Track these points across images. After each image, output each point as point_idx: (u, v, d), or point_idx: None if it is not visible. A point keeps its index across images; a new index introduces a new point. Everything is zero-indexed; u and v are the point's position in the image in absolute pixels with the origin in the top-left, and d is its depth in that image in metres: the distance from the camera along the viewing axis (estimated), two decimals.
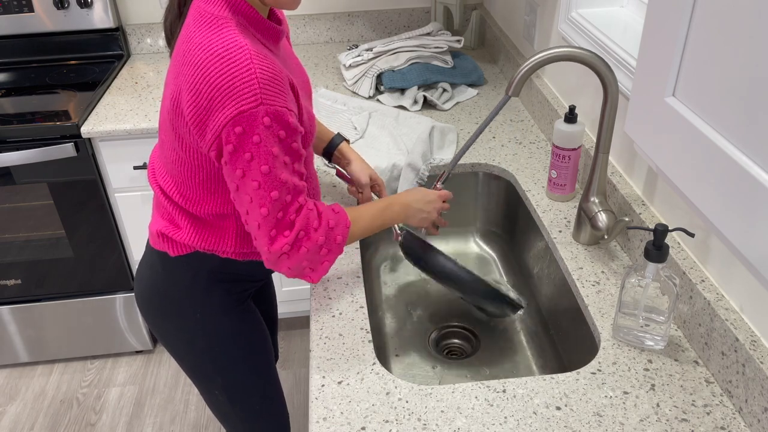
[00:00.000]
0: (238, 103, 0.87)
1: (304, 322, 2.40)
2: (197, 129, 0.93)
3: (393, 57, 1.89)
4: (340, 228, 1.02)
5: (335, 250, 1.03)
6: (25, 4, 2.08)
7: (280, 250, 0.96)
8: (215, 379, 1.22)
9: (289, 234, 0.96)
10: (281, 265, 0.99)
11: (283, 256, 0.97)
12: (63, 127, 1.79)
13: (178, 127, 0.97)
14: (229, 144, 0.90)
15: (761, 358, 0.85)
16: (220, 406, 1.28)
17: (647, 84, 0.64)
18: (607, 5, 1.46)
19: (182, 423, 2.05)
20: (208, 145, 0.93)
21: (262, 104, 0.88)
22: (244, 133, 0.88)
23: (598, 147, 1.15)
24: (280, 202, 0.94)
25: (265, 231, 0.95)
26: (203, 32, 0.92)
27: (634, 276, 0.97)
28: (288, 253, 0.97)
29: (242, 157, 0.90)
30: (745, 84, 0.49)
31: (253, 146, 0.89)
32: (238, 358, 1.21)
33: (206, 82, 0.88)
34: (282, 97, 0.91)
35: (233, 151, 0.90)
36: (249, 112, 0.87)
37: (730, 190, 0.52)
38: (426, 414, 0.92)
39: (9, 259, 2.01)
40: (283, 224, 0.96)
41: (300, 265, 1.00)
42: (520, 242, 1.48)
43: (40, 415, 2.10)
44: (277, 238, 0.96)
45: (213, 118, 0.89)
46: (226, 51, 0.88)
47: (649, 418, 0.90)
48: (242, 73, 0.87)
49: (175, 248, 1.11)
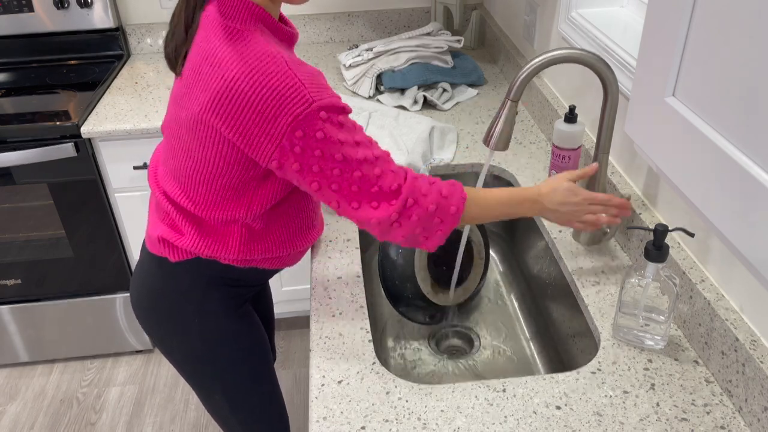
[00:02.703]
0: (291, 110, 0.88)
1: (304, 322, 2.40)
2: (245, 143, 0.92)
3: (393, 57, 1.89)
4: (455, 199, 0.99)
5: (448, 222, 0.99)
6: (25, 4, 2.08)
7: (389, 218, 0.94)
8: (214, 384, 1.21)
9: (396, 201, 0.94)
10: (395, 234, 0.97)
11: (394, 224, 0.95)
12: (63, 127, 1.79)
13: (204, 137, 0.96)
14: (296, 147, 0.90)
15: (761, 357, 0.85)
16: (220, 411, 1.27)
17: (647, 84, 0.64)
18: (607, 5, 1.46)
19: (182, 423, 2.05)
20: (267, 156, 0.92)
21: (313, 102, 0.88)
22: (305, 135, 0.89)
23: (598, 147, 1.15)
24: (368, 179, 0.93)
25: (366, 204, 0.94)
26: (229, 47, 0.91)
27: (634, 276, 0.97)
28: (399, 220, 0.95)
29: (312, 155, 0.90)
30: (745, 84, 0.49)
31: (318, 143, 0.90)
32: (237, 363, 1.20)
33: (249, 97, 0.88)
34: (326, 89, 0.91)
35: (301, 153, 0.90)
36: (304, 113, 0.88)
37: (730, 190, 0.52)
38: (426, 413, 0.92)
39: (9, 259, 2.01)
40: (384, 194, 0.94)
41: (414, 233, 0.97)
42: (520, 242, 1.48)
43: (40, 415, 2.10)
44: (381, 206, 0.95)
45: (268, 130, 0.89)
46: (262, 62, 0.88)
47: (649, 417, 0.90)
48: (285, 80, 0.88)
49: (176, 254, 1.09)
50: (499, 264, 1.54)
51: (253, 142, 0.92)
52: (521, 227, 1.46)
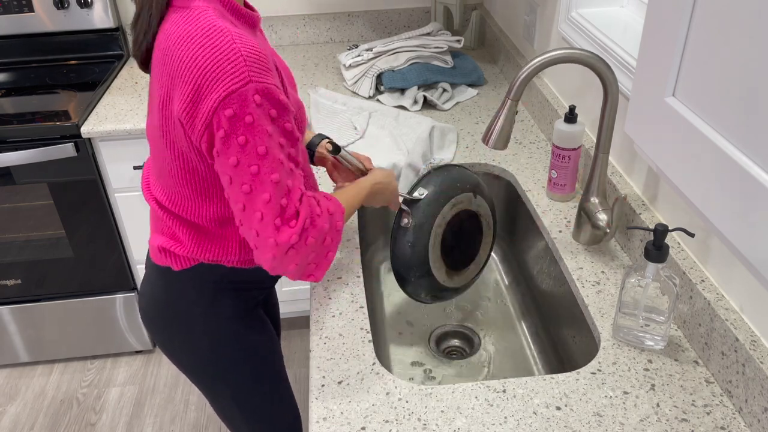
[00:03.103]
0: (226, 84, 0.84)
1: (304, 322, 2.40)
2: (188, 120, 0.89)
3: (393, 57, 1.89)
4: (339, 213, 0.98)
5: (336, 238, 0.98)
6: (25, 4, 2.08)
7: (288, 242, 0.89)
8: (225, 389, 1.20)
9: (296, 224, 0.90)
10: (288, 263, 0.92)
11: (291, 250, 0.90)
12: (63, 127, 1.79)
13: (168, 131, 0.94)
14: (221, 130, 0.85)
15: (761, 358, 0.85)
16: (231, 414, 1.25)
17: (647, 84, 0.64)
18: (607, 5, 1.46)
19: (182, 423, 2.05)
20: (198, 136, 0.88)
21: (251, 82, 0.84)
22: (235, 116, 0.84)
23: (598, 147, 1.15)
24: (282, 187, 0.88)
25: (270, 220, 0.88)
26: (180, 26, 0.90)
27: (634, 276, 0.97)
28: (296, 246, 0.90)
29: (235, 141, 0.85)
30: (745, 84, 0.49)
31: (246, 128, 0.85)
32: (248, 368, 1.18)
33: (191, 70, 0.85)
34: (270, 75, 0.87)
35: (225, 137, 0.85)
36: (239, 91, 0.84)
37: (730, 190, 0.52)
38: (426, 414, 0.92)
39: (9, 259, 2.01)
40: (288, 214, 0.90)
41: (306, 260, 0.94)
42: (520, 242, 1.48)
43: (40, 415, 2.10)
44: (282, 229, 0.89)
45: (202, 104, 0.86)
46: (207, 36, 0.86)
47: (649, 418, 0.90)
48: (227, 54, 0.84)
49: (179, 262, 1.07)
50: (499, 264, 1.54)
51: (190, 118, 0.88)
52: (521, 227, 1.46)
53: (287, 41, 2.32)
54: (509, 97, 1.07)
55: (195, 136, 0.90)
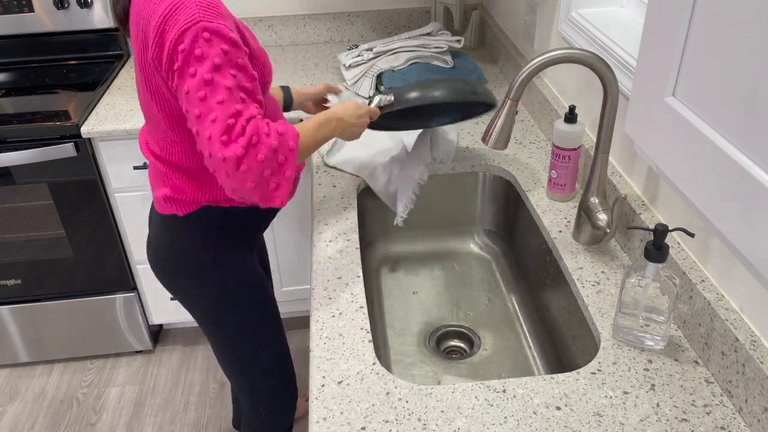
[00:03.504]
0: (179, 24, 0.97)
1: (304, 322, 2.40)
2: (158, 62, 1.02)
3: (393, 57, 1.89)
4: (290, 134, 1.05)
5: (291, 159, 1.04)
6: (25, 4, 2.08)
7: (235, 155, 0.96)
8: (232, 328, 1.31)
9: (242, 139, 0.97)
10: (245, 180, 0.98)
11: (242, 166, 0.97)
12: (63, 127, 1.79)
13: (149, 79, 1.07)
14: (176, 62, 0.98)
15: (761, 358, 0.85)
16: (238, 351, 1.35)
17: (647, 84, 0.64)
18: (607, 5, 1.46)
19: (182, 423, 2.05)
20: (166, 75, 1.02)
21: (200, 21, 0.97)
22: (186, 50, 0.97)
23: (598, 147, 1.15)
24: (228, 109, 0.97)
25: (217, 137, 0.96)
26: None
27: (634, 276, 0.97)
28: (245, 160, 0.97)
29: (187, 72, 0.98)
30: (745, 84, 0.49)
31: (195, 60, 0.97)
32: (255, 305, 1.30)
33: (156, 20, 1.00)
34: (221, 19, 1.00)
35: (179, 69, 0.98)
36: (190, 29, 0.97)
37: (730, 190, 0.52)
38: (426, 414, 0.92)
39: (9, 259, 2.01)
40: (235, 132, 0.97)
41: (262, 176, 1.00)
42: (520, 242, 1.48)
43: (40, 415, 2.10)
44: (229, 145, 0.97)
45: (164, 45, 0.99)
46: None
47: (649, 418, 0.90)
48: (183, 2, 0.99)
49: (183, 207, 1.19)
50: (499, 264, 1.54)
51: (159, 60, 1.01)
52: (521, 227, 1.46)
53: (287, 41, 2.32)
54: (509, 97, 1.07)
55: (165, 76, 1.03)
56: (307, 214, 2.07)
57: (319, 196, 1.42)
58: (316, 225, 1.33)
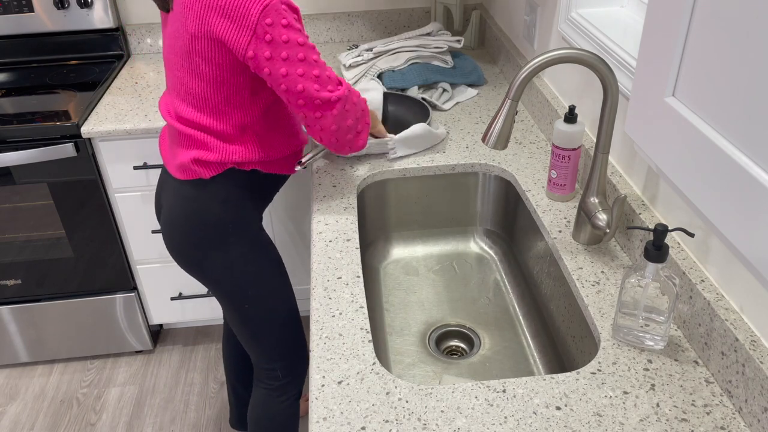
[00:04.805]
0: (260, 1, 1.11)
1: (304, 322, 2.40)
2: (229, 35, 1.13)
3: (393, 57, 1.89)
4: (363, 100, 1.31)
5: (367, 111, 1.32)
6: (25, 4, 2.08)
7: (343, 94, 1.22)
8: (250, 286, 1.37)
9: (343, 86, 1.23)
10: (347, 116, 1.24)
11: (347, 104, 1.23)
12: (63, 127, 1.79)
13: (203, 50, 1.17)
14: (267, 35, 1.12)
15: (761, 358, 0.85)
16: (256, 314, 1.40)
17: (647, 84, 0.64)
18: (607, 5, 1.46)
19: (182, 423, 2.05)
20: (245, 46, 1.14)
21: None
22: (273, 23, 1.12)
23: (598, 147, 1.15)
24: (322, 64, 1.20)
25: (324, 86, 1.19)
26: None
27: (633, 276, 0.97)
28: (347, 100, 1.23)
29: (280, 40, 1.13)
30: (745, 84, 0.49)
31: (285, 29, 1.13)
32: (271, 261, 1.39)
33: None
34: None
35: (271, 40, 1.13)
36: (272, 4, 1.12)
37: (730, 190, 0.52)
38: (426, 414, 0.92)
39: (9, 259, 2.01)
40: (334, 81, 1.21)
41: (356, 116, 1.26)
42: (520, 242, 1.48)
43: (40, 415, 2.10)
44: (336, 90, 1.21)
45: (243, 22, 1.12)
46: None
47: (649, 418, 0.90)
48: None
49: (210, 169, 1.28)
50: (499, 264, 1.54)
51: (234, 34, 1.13)
52: (521, 227, 1.46)
53: None
54: (509, 97, 1.07)
55: (241, 47, 1.14)
56: (306, 214, 2.07)
57: (319, 196, 1.42)
58: (315, 225, 1.33)
